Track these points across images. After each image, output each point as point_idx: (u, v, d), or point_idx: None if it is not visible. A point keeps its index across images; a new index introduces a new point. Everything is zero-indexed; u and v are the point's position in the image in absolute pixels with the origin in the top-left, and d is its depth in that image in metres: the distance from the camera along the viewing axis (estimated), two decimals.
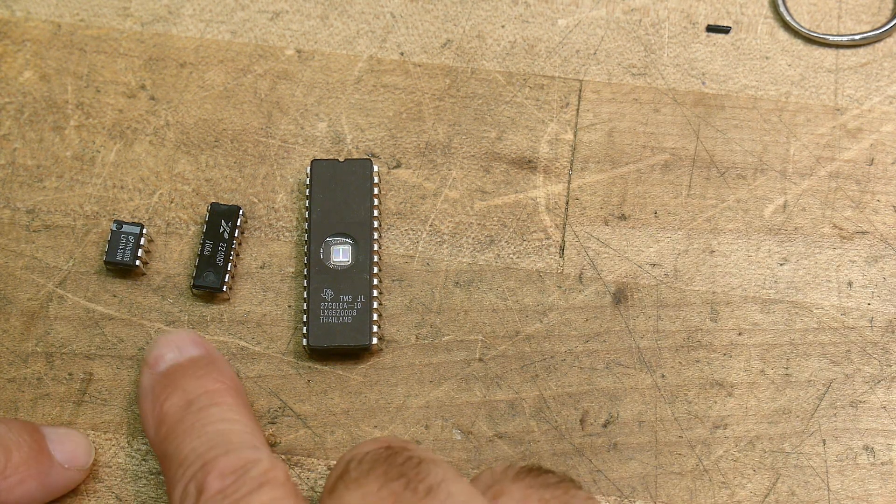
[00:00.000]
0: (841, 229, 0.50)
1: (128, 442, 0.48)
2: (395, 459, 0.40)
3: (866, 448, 0.47)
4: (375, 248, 0.49)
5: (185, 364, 0.45)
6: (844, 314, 0.49)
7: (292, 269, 0.50)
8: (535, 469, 0.41)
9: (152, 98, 0.53)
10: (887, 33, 0.53)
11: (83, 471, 0.46)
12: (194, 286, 0.49)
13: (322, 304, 0.48)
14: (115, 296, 0.50)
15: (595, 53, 0.53)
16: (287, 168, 0.52)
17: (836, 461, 0.47)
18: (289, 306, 0.50)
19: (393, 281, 0.50)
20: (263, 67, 0.53)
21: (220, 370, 0.45)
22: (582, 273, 0.50)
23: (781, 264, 0.50)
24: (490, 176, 0.51)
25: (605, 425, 0.48)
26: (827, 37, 0.53)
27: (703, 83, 0.52)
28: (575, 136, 0.52)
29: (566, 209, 0.51)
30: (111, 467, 0.48)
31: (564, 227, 0.50)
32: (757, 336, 0.49)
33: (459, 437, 0.48)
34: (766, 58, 0.53)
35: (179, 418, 0.43)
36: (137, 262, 0.49)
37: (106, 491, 0.47)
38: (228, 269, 0.49)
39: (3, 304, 0.50)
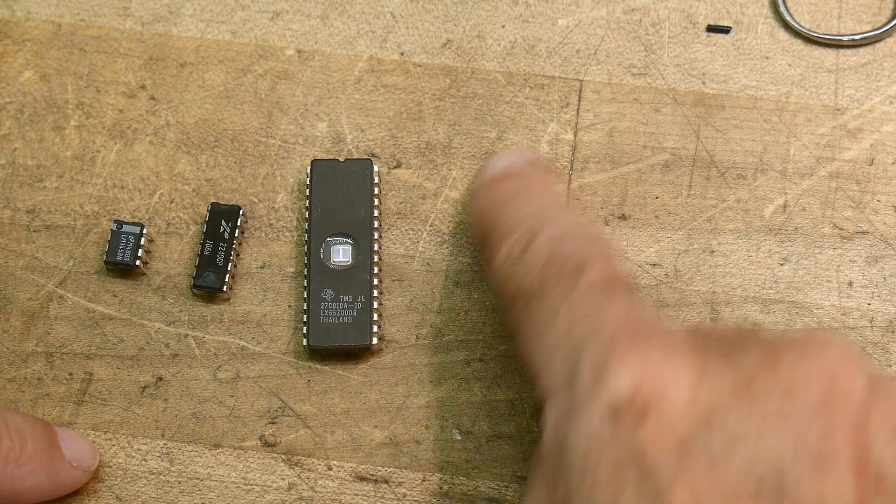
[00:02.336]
0: (841, 229, 0.50)
1: (128, 442, 0.48)
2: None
3: None
4: (375, 248, 0.49)
5: (514, 167, 0.47)
6: (844, 314, 0.49)
7: (292, 269, 0.50)
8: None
9: (152, 98, 0.53)
10: (887, 33, 0.53)
11: (88, 472, 0.47)
12: (194, 286, 0.49)
13: (322, 304, 0.48)
14: (115, 296, 0.50)
15: (595, 53, 0.53)
16: (287, 168, 0.52)
17: None
18: (289, 306, 0.50)
19: (393, 281, 0.50)
20: (263, 67, 0.53)
21: (548, 169, 0.47)
22: None
23: (781, 264, 0.50)
24: None
25: None
26: (827, 37, 0.53)
27: (704, 83, 0.52)
28: (575, 136, 0.52)
29: None
30: (111, 467, 0.48)
31: None
32: None
33: (459, 438, 0.48)
34: (767, 58, 0.53)
35: (512, 198, 0.44)
36: (137, 262, 0.49)
37: (106, 491, 0.47)
38: (228, 269, 0.49)
39: (3, 304, 0.50)
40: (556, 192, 0.46)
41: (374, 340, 0.48)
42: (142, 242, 0.49)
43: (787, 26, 0.53)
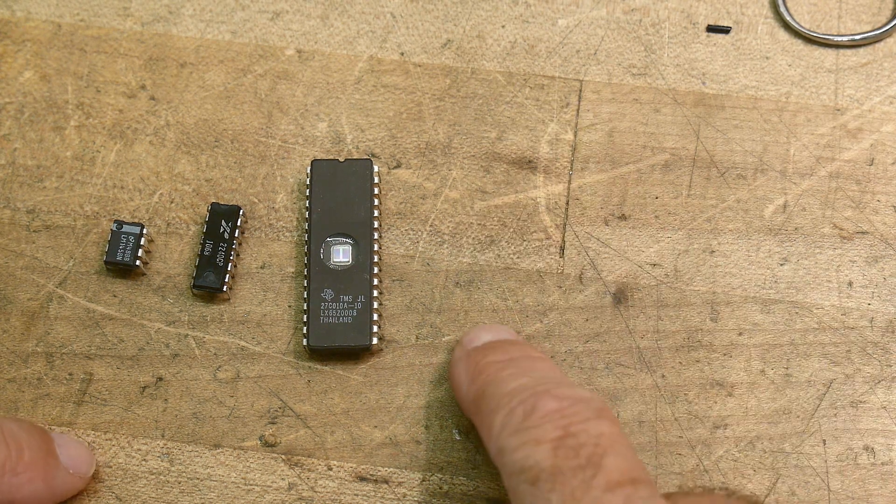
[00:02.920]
0: (841, 229, 0.50)
1: (128, 442, 0.48)
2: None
3: (866, 448, 0.47)
4: (375, 248, 0.49)
5: (502, 339, 0.45)
6: (844, 314, 0.49)
7: (292, 269, 0.50)
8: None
9: (152, 98, 0.53)
10: (887, 33, 0.53)
11: (85, 479, 0.47)
12: (194, 286, 0.49)
13: (322, 304, 0.48)
14: (115, 296, 0.50)
15: (595, 53, 0.53)
16: (287, 168, 0.52)
17: (836, 461, 0.47)
18: (289, 306, 0.50)
19: (393, 281, 0.50)
20: (263, 67, 0.53)
21: (538, 350, 0.45)
22: (582, 273, 0.50)
23: (781, 264, 0.50)
24: (490, 176, 0.51)
25: None
26: (827, 37, 0.53)
27: (704, 83, 0.53)
28: (575, 136, 0.52)
29: (566, 209, 0.51)
30: (111, 467, 0.48)
31: (564, 227, 0.50)
32: (757, 336, 0.49)
33: (459, 438, 0.48)
34: (766, 58, 0.53)
35: (503, 366, 0.43)
36: (137, 262, 0.49)
37: (106, 491, 0.47)
38: (228, 269, 0.49)
39: (3, 304, 0.50)
40: (548, 365, 0.44)
41: (374, 340, 0.48)
42: (142, 242, 0.49)
43: (787, 26, 0.53)
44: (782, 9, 0.53)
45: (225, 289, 0.49)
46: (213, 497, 0.47)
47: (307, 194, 0.50)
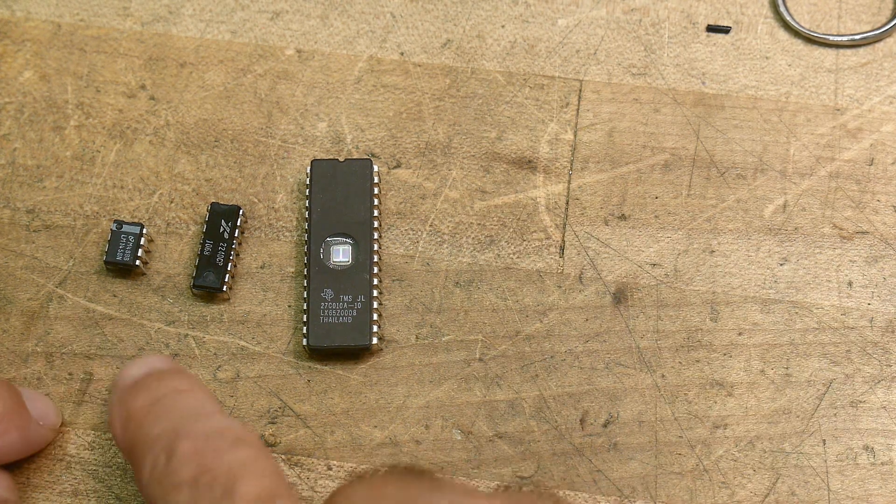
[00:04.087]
0: (841, 229, 0.50)
1: None
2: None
3: (866, 448, 0.47)
4: (375, 248, 0.49)
5: (152, 373, 0.44)
6: (844, 314, 0.49)
7: (292, 269, 0.50)
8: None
9: (152, 98, 0.53)
10: (887, 33, 0.53)
11: (55, 430, 0.47)
12: (194, 286, 0.49)
13: (322, 304, 0.48)
14: (115, 296, 0.50)
15: (595, 53, 0.53)
16: (287, 168, 0.52)
17: (836, 461, 0.47)
18: (289, 306, 0.50)
19: (393, 281, 0.50)
20: (263, 67, 0.53)
21: (188, 376, 0.45)
22: (582, 273, 0.50)
23: (781, 264, 0.50)
24: (490, 176, 0.51)
25: (605, 425, 0.48)
26: (827, 37, 0.53)
27: (703, 83, 0.52)
28: (575, 136, 0.52)
29: (566, 209, 0.51)
30: (111, 467, 0.48)
31: (564, 227, 0.50)
32: (757, 336, 0.49)
33: (459, 437, 0.48)
34: (766, 58, 0.53)
35: (147, 411, 0.42)
36: (137, 262, 0.49)
37: (106, 491, 0.47)
38: (228, 269, 0.49)
39: (3, 304, 0.50)
40: (194, 397, 0.43)
41: (374, 340, 0.48)
42: (142, 242, 0.49)
43: (786, 26, 0.53)
44: (782, 9, 0.53)
45: (225, 289, 0.49)
46: None
47: (307, 194, 0.50)
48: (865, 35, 0.53)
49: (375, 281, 0.49)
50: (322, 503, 0.39)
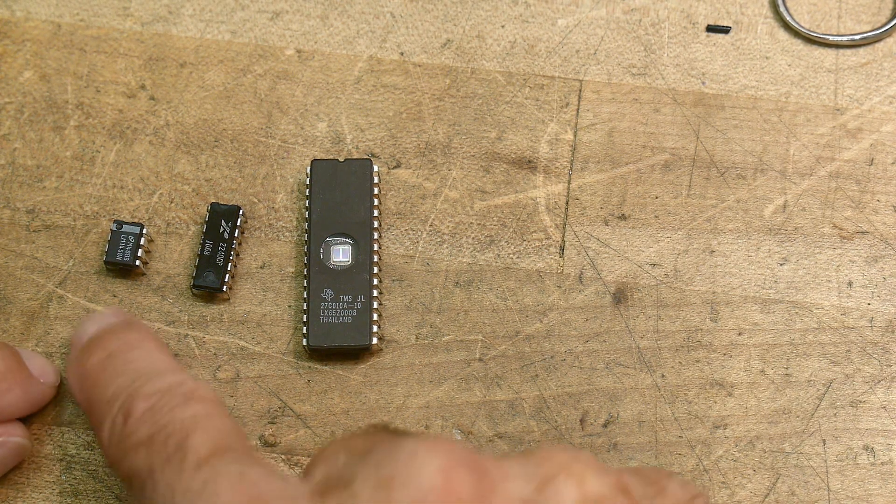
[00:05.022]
0: (841, 229, 0.50)
1: None
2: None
3: (866, 448, 0.47)
4: (375, 248, 0.49)
5: (104, 329, 0.45)
6: (844, 314, 0.49)
7: (292, 269, 0.50)
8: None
9: (152, 98, 0.53)
10: (887, 33, 0.53)
11: (54, 387, 0.48)
12: (194, 286, 0.49)
13: (322, 304, 0.48)
14: (115, 296, 0.50)
15: (595, 53, 0.53)
16: (287, 168, 0.52)
17: (836, 461, 0.47)
18: (289, 306, 0.50)
19: (393, 281, 0.50)
20: (263, 67, 0.53)
21: (140, 328, 0.45)
22: (582, 273, 0.50)
23: (781, 264, 0.50)
24: (490, 176, 0.51)
25: (605, 425, 0.48)
26: (827, 37, 0.53)
27: (703, 83, 0.53)
28: (575, 136, 0.52)
29: (566, 209, 0.51)
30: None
31: (564, 227, 0.50)
32: (757, 336, 0.49)
33: (459, 437, 0.48)
34: (766, 58, 0.53)
35: (102, 368, 0.43)
36: (137, 262, 0.49)
37: (106, 491, 0.47)
38: (228, 269, 0.49)
39: (3, 304, 0.50)
40: (145, 350, 0.43)
41: (374, 340, 0.48)
42: (142, 242, 0.49)
43: (786, 26, 0.53)
44: (782, 9, 0.53)
45: (225, 289, 0.49)
46: None
47: (307, 194, 0.50)
48: (865, 35, 0.53)
49: (375, 281, 0.49)
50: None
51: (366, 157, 0.52)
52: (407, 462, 0.35)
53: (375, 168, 0.51)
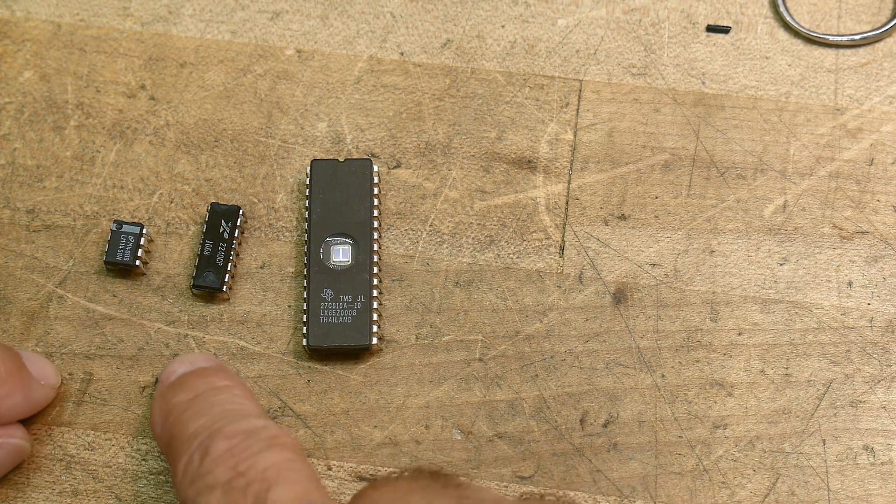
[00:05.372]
0: (841, 229, 0.50)
1: (128, 442, 0.48)
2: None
3: (866, 448, 0.47)
4: (375, 248, 0.49)
5: (195, 371, 0.45)
6: (844, 314, 0.49)
7: (292, 269, 0.50)
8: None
9: (152, 98, 0.53)
10: (887, 33, 0.53)
11: (55, 389, 0.48)
12: (194, 286, 0.49)
13: (322, 304, 0.48)
14: (115, 296, 0.50)
15: (595, 53, 0.53)
16: (287, 168, 0.52)
17: (836, 461, 0.47)
18: (289, 306, 0.50)
19: (393, 281, 0.50)
20: (263, 67, 0.53)
21: (228, 374, 0.45)
22: (582, 273, 0.50)
23: (781, 264, 0.50)
24: (490, 176, 0.51)
25: (605, 425, 0.48)
26: (827, 37, 0.53)
27: (703, 83, 0.53)
28: (575, 136, 0.52)
29: (566, 209, 0.51)
30: (111, 467, 0.48)
31: (564, 227, 0.50)
32: (757, 336, 0.49)
33: (459, 437, 0.48)
34: (766, 58, 0.53)
35: (186, 406, 0.43)
36: (137, 262, 0.49)
37: (106, 491, 0.47)
38: (228, 269, 0.49)
39: (3, 304, 0.50)
40: (231, 395, 0.43)
41: (374, 340, 0.48)
42: (141, 242, 0.49)
43: (786, 26, 0.53)
44: (782, 9, 0.53)
45: (225, 289, 0.49)
46: None
47: (307, 194, 0.50)
48: (865, 35, 0.53)
49: (375, 281, 0.49)
50: None
51: (366, 157, 0.52)
52: None
53: (375, 168, 0.51)
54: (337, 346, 0.48)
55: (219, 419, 0.41)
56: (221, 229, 0.50)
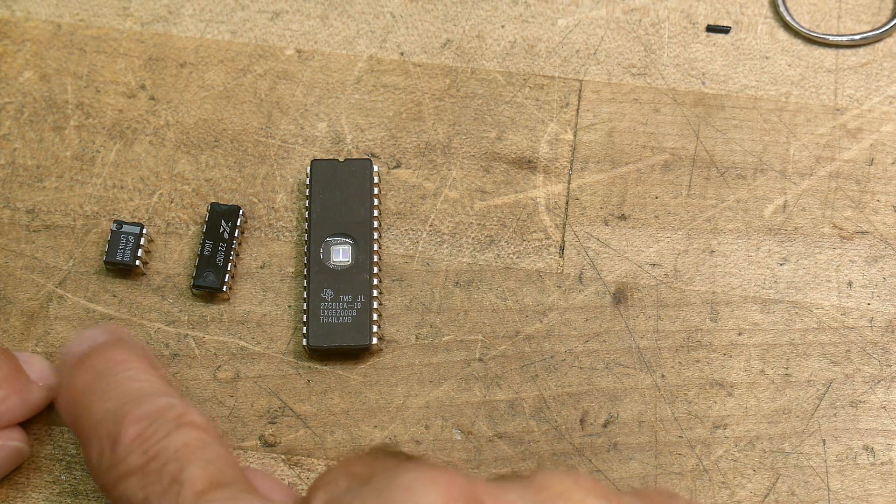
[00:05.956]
0: (841, 229, 0.50)
1: None
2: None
3: (866, 448, 0.47)
4: (375, 248, 0.50)
5: (95, 348, 0.44)
6: (844, 314, 0.49)
7: (292, 269, 0.50)
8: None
9: (152, 98, 0.53)
10: (887, 33, 0.53)
11: (53, 390, 0.47)
12: (194, 286, 0.49)
13: (322, 304, 0.48)
14: (115, 296, 0.50)
15: (595, 53, 0.53)
16: (287, 168, 0.52)
17: (836, 461, 0.47)
18: (289, 306, 0.50)
19: (393, 281, 0.50)
20: (263, 67, 0.53)
21: (127, 345, 0.44)
22: (582, 273, 0.50)
23: (781, 264, 0.50)
24: (490, 176, 0.51)
25: (605, 425, 0.48)
26: (827, 37, 0.53)
27: (703, 83, 0.53)
28: (575, 136, 0.52)
29: (566, 209, 0.51)
30: None
31: (564, 227, 0.50)
32: (757, 336, 0.49)
33: (459, 437, 0.48)
34: (766, 58, 0.53)
35: (89, 389, 0.42)
36: (137, 262, 0.49)
37: None
38: (228, 269, 0.49)
39: (3, 304, 0.50)
40: (135, 372, 0.42)
41: (374, 340, 0.48)
42: (141, 242, 0.49)
43: (786, 26, 0.53)
44: (782, 9, 0.53)
45: (225, 289, 0.49)
46: None
47: (307, 194, 0.50)
48: (865, 35, 0.53)
49: (375, 281, 0.49)
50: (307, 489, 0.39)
51: (366, 157, 0.52)
52: (405, 494, 0.35)
53: (375, 168, 0.51)
54: (337, 346, 0.48)
55: (122, 402, 0.41)
56: (221, 229, 0.50)
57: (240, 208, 0.50)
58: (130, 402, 0.41)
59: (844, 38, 0.53)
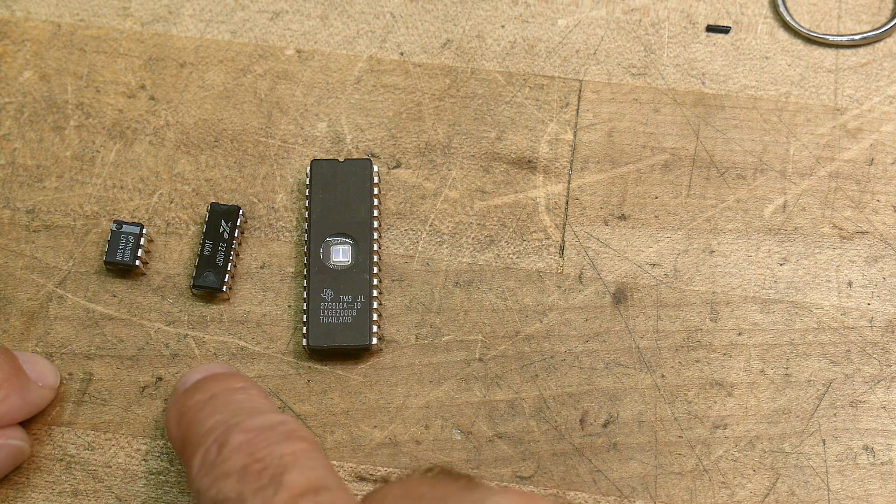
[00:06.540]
0: (841, 229, 0.50)
1: (128, 442, 0.48)
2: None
3: (866, 448, 0.47)
4: (375, 248, 0.50)
5: (210, 376, 0.45)
6: (844, 314, 0.49)
7: (292, 269, 0.50)
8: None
9: (152, 98, 0.53)
10: (887, 33, 0.53)
11: (54, 390, 0.48)
12: (194, 286, 0.49)
13: (322, 304, 0.48)
14: (115, 296, 0.50)
15: (595, 53, 0.53)
16: (287, 168, 0.52)
17: (836, 461, 0.47)
18: (289, 306, 0.50)
19: (393, 281, 0.50)
20: (263, 67, 0.53)
21: (243, 377, 0.45)
22: (582, 273, 0.50)
23: (781, 264, 0.50)
24: (490, 176, 0.51)
25: (605, 425, 0.48)
26: (827, 37, 0.53)
27: (703, 83, 0.53)
28: (575, 136, 0.52)
29: (566, 209, 0.51)
30: (111, 467, 0.48)
31: (564, 227, 0.50)
32: (757, 336, 0.49)
33: (459, 437, 0.48)
34: (766, 58, 0.53)
35: (203, 406, 0.43)
36: (137, 262, 0.49)
37: (106, 491, 0.47)
38: (228, 269, 0.49)
39: (3, 304, 0.50)
40: (248, 395, 0.44)
41: (374, 340, 0.48)
42: (141, 242, 0.49)
43: (786, 26, 0.53)
44: (782, 9, 0.53)
45: (225, 289, 0.49)
46: None
47: (307, 194, 0.50)
48: (865, 35, 0.53)
49: (375, 281, 0.49)
50: None
51: (366, 157, 0.52)
52: None
53: (375, 168, 0.51)
54: (337, 346, 0.48)
55: (236, 414, 0.42)
56: (221, 229, 0.50)
57: (240, 208, 0.50)
58: (243, 414, 0.42)
59: (844, 38, 0.53)
